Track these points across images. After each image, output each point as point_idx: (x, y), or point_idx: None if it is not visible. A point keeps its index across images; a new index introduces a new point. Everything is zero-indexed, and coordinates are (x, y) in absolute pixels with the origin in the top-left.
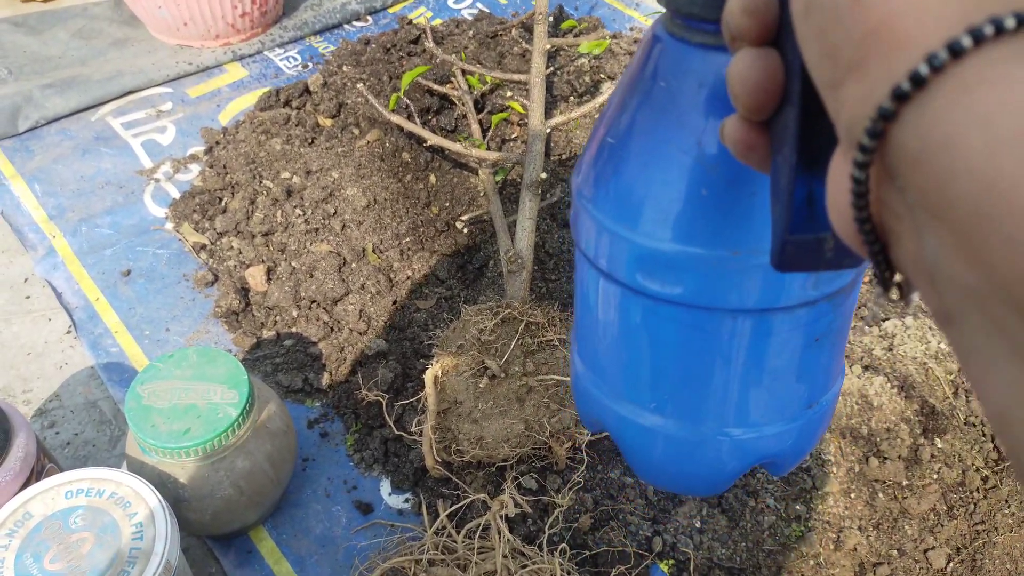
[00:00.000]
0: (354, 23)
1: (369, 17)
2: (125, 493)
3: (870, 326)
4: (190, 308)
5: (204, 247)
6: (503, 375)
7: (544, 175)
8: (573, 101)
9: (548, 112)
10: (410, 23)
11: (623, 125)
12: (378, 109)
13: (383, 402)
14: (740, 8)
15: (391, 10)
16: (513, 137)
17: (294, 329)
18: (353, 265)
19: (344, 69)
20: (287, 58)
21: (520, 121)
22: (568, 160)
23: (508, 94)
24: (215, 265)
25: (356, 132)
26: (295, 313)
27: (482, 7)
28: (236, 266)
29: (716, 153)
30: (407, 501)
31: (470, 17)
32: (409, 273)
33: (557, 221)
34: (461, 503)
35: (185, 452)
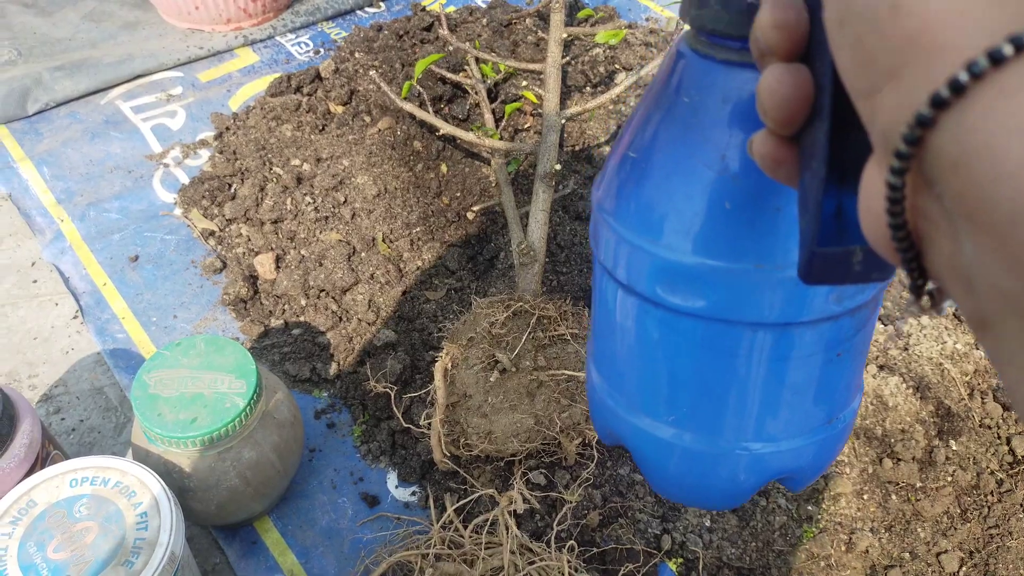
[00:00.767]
0: (367, 9)
1: (382, 3)
2: (130, 482)
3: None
4: (198, 295)
5: (213, 233)
6: (514, 369)
7: (558, 166)
8: (588, 92)
9: (562, 102)
10: (423, 10)
11: (646, 139)
12: (390, 97)
13: (391, 393)
14: (771, 23)
15: None
16: (526, 127)
17: (302, 318)
18: (363, 254)
19: (356, 56)
20: (299, 44)
21: (533, 111)
22: (582, 151)
23: (522, 83)
24: (224, 252)
25: (367, 120)
26: (303, 302)
27: None
28: (245, 253)
29: (740, 167)
30: (414, 494)
31: (484, 5)
32: (419, 263)
33: (570, 213)
34: (469, 498)
35: (191, 442)
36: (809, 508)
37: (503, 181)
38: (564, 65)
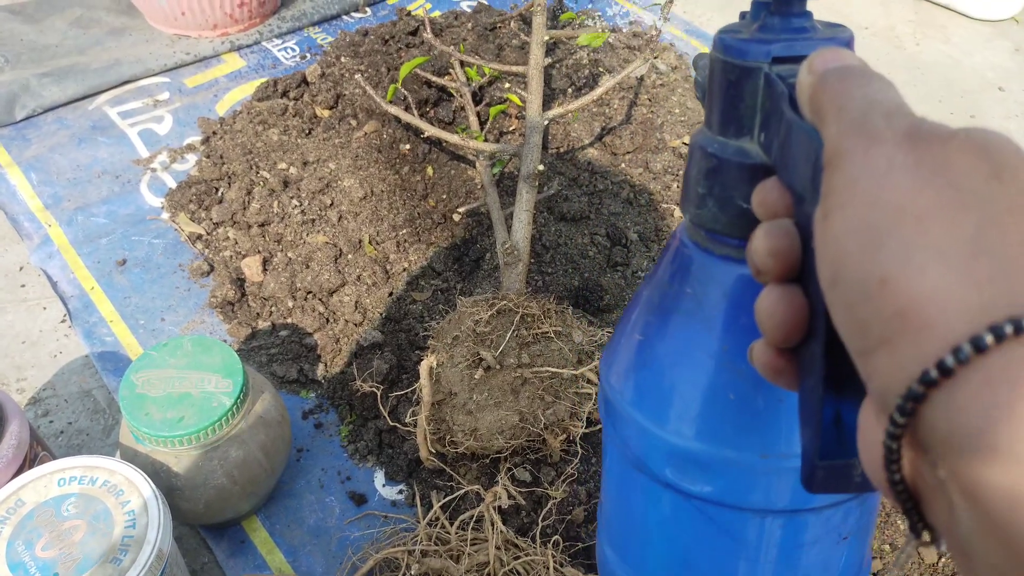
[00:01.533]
0: (352, 14)
1: (368, 8)
2: (118, 481)
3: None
4: (185, 298)
5: (200, 237)
6: (498, 367)
7: (542, 167)
8: (571, 94)
9: (546, 105)
10: (409, 15)
11: (651, 323)
12: (376, 100)
13: (378, 393)
14: (765, 250)
15: (389, 1)
16: (511, 129)
17: (289, 320)
18: (349, 256)
19: (342, 60)
20: (285, 49)
21: (518, 114)
22: (566, 153)
23: (506, 86)
24: (211, 255)
25: (354, 123)
26: (291, 304)
27: None
28: (232, 256)
29: (742, 360)
30: (401, 492)
31: (469, 9)
32: (405, 265)
33: (554, 214)
34: (455, 494)
35: (179, 441)
36: None
37: (488, 183)
38: (548, 68)
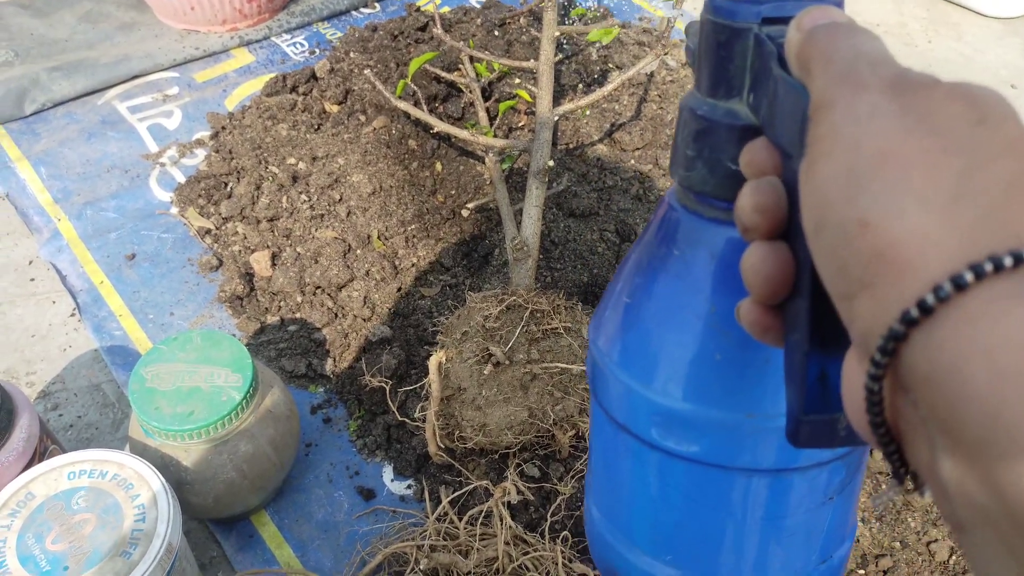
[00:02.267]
0: (362, 10)
1: (377, 4)
2: (128, 475)
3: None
4: (194, 292)
5: (209, 232)
6: (507, 362)
7: (551, 163)
8: (581, 90)
9: (556, 101)
10: (418, 10)
11: (639, 286)
12: (385, 96)
13: (387, 388)
14: (751, 207)
15: None
16: (520, 125)
17: (298, 315)
18: (358, 252)
19: (351, 55)
20: (294, 44)
21: (528, 109)
22: (576, 149)
23: (516, 82)
24: (220, 250)
25: (363, 119)
26: (299, 299)
27: None
28: (241, 251)
29: (728, 320)
30: (409, 487)
31: (478, 5)
32: (414, 260)
33: (563, 210)
34: (463, 490)
35: (188, 435)
36: None
37: (497, 178)
38: (558, 64)
